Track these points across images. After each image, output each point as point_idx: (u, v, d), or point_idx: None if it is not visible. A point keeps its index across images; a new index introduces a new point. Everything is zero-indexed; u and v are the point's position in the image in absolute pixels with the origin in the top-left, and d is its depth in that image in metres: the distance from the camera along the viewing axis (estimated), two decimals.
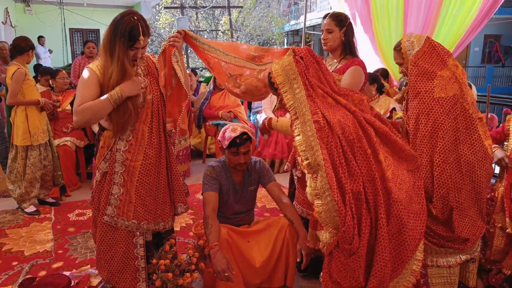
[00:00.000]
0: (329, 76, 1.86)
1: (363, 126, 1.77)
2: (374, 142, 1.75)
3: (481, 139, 2.02)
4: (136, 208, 2.06)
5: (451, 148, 2.00)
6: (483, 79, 16.80)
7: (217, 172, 2.42)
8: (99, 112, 1.93)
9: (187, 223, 3.53)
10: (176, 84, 2.10)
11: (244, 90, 2.25)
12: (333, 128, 1.71)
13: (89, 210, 3.82)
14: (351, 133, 1.72)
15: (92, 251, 2.99)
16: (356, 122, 1.76)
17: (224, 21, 21.11)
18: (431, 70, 2.03)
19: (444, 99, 1.99)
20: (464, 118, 2.01)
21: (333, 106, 1.77)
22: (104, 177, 2.10)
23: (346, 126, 1.72)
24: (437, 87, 2.01)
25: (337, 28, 2.39)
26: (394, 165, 1.79)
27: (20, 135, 3.60)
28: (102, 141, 2.12)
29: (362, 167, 1.71)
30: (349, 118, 1.75)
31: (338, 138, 1.70)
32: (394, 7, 4.72)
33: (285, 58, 1.79)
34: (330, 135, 1.69)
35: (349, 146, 1.71)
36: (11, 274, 2.72)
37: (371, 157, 1.71)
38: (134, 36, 1.92)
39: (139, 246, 2.12)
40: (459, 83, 2.02)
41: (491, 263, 2.53)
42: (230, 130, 2.33)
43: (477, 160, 2.01)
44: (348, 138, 1.71)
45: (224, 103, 5.00)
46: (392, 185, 1.72)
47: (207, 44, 2.17)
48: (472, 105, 2.04)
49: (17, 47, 3.55)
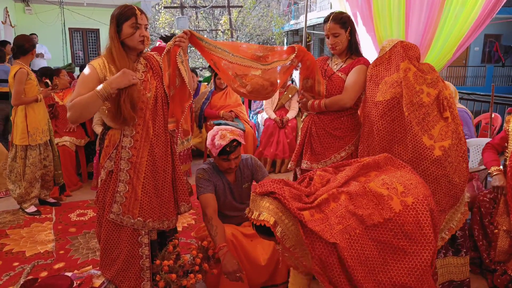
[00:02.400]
0: (295, 185, 1.72)
1: (356, 192, 1.66)
2: (370, 191, 1.67)
3: (417, 139, 2.07)
4: (142, 206, 2.05)
5: (386, 147, 2.13)
6: (483, 78, 16.81)
7: (209, 174, 2.41)
8: (88, 107, 1.90)
9: (189, 223, 3.51)
10: (180, 84, 2.09)
11: (251, 89, 2.24)
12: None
13: (90, 210, 3.80)
14: (354, 228, 1.58)
15: (93, 252, 2.97)
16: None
17: (224, 21, 21.11)
18: (380, 76, 2.23)
19: (381, 103, 2.16)
20: (400, 119, 2.12)
21: (325, 219, 1.59)
22: (109, 175, 2.08)
23: (348, 227, 1.57)
24: (380, 91, 2.18)
25: (342, 30, 2.37)
26: (393, 177, 1.72)
27: (18, 134, 3.59)
28: (107, 140, 2.10)
29: None
30: (347, 216, 1.60)
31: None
32: (396, 7, 4.69)
33: (264, 203, 1.61)
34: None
35: (358, 241, 1.58)
36: (12, 275, 2.70)
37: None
38: (126, 12, 1.96)
39: (144, 245, 2.11)
40: (402, 86, 2.12)
41: (496, 264, 2.52)
42: (219, 137, 2.30)
43: (409, 160, 2.08)
44: (355, 233, 1.58)
45: (225, 102, 4.98)
46: (410, 191, 1.65)
47: (212, 45, 2.15)
48: (411, 106, 2.10)
49: (21, 47, 3.54)
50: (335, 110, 2.43)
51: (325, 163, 2.44)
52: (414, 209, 1.57)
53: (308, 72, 2.42)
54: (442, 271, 2.32)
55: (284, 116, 5.12)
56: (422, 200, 1.60)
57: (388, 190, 1.64)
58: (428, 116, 2.11)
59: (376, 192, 1.63)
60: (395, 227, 1.56)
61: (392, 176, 1.71)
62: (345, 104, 2.37)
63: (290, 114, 5.15)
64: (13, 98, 3.52)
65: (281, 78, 2.36)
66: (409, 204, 1.58)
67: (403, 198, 1.61)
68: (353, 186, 1.66)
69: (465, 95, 5.84)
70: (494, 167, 2.59)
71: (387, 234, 1.55)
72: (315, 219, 1.56)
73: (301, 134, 2.60)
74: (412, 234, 1.55)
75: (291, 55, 2.28)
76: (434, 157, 2.06)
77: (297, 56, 2.30)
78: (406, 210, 1.58)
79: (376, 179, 1.70)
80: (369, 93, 2.27)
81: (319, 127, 2.47)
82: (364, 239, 1.55)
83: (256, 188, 1.66)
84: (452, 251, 2.33)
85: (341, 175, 1.73)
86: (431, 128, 2.10)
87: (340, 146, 2.45)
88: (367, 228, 1.56)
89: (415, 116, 2.09)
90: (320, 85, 2.43)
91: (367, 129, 2.28)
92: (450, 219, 2.22)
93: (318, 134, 2.47)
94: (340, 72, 2.42)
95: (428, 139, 2.07)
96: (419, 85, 2.15)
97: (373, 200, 1.62)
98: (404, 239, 1.55)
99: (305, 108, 2.52)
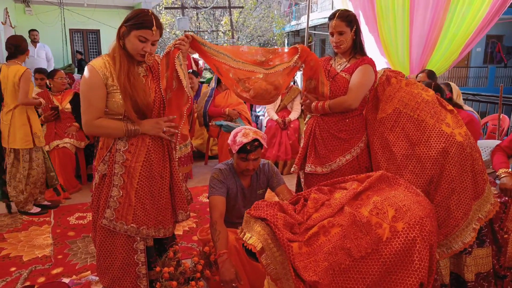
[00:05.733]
0: (289, 211, 1.71)
1: (347, 223, 1.63)
2: (360, 220, 1.62)
3: (437, 130, 2.07)
4: (135, 212, 1.98)
5: (409, 153, 2.12)
6: (485, 79, 16.76)
7: (225, 175, 2.35)
8: (111, 135, 1.98)
9: (190, 227, 3.45)
10: (177, 86, 2.02)
11: (254, 94, 2.18)
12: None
13: (89, 213, 3.74)
14: (341, 263, 1.57)
15: (92, 257, 2.91)
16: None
17: (224, 22, 21.09)
18: (378, 99, 2.33)
19: (385, 118, 2.22)
20: (411, 123, 2.14)
21: (312, 253, 1.59)
22: (103, 179, 2.02)
23: (334, 263, 1.56)
24: (379, 110, 2.27)
25: (348, 29, 2.31)
26: (386, 199, 1.67)
27: (20, 138, 3.51)
28: (101, 142, 2.07)
29: None
30: (334, 252, 1.58)
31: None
32: (400, 7, 4.64)
33: (257, 226, 1.62)
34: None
35: (344, 276, 1.57)
36: (9, 280, 2.64)
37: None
38: (143, 22, 1.87)
39: (139, 252, 2.03)
40: (397, 97, 2.19)
41: (506, 270, 2.45)
42: (242, 134, 2.25)
43: (438, 152, 2.06)
44: (341, 268, 1.57)
45: (227, 102, 4.95)
46: (402, 216, 1.60)
47: (214, 49, 2.09)
48: (421, 104, 2.15)
49: (19, 47, 3.50)
50: (340, 112, 2.36)
51: (330, 166, 2.38)
52: (404, 235, 1.53)
53: (311, 73, 2.35)
54: (472, 265, 2.27)
55: (286, 117, 5.07)
56: (414, 225, 1.54)
57: (377, 216, 1.60)
58: (438, 110, 2.14)
59: (365, 220, 1.60)
60: (381, 257, 1.53)
61: (385, 197, 1.66)
62: (350, 106, 2.31)
63: (292, 115, 5.10)
64: (23, 97, 3.43)
65: (284, 80, 2.29)
66: (399, 230, 1.54)
67: (394, 223, 1.56)
68: (344, 216, 1.64)
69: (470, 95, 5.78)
70: (502, 169, 2.54)
71: (374, 264, 1.53)
72: (302, 253, 1.55)
73: (304, 137, 2.53)
74: (399, 261, 1.51)
75: (294, 57, 2.22)
76: (458, 142, 2.06)
77: (301, 57, 2.23)
78: (395, 237, 1.53)
79: (367, 203, 1.66)
80: (370, 115, 2.37)
81: (323, 129, 2.41)
82: (351, 272, 1.54)
83: (251, 210, 1.66)
84: (477, 243, 2.29)
85: (335, 202, 1.72)
86: (444, 118, 2.12)
87: (345, 148, 2.38)
88: (355, 260, 1.54)
89: (426, 112, 2.13)
90: (323, 86, 2.36)
91: (379, 146, 2.28)
92: (478, 209, 2.17)
93: (322, 137, 2.41)
94: (344, 73, 2.36)
95: (446, 127, 2.09)
96: (415, 89, 2.23)
97: (362, 230, 1.59)
98: (391, 266, 1.52)
99: (309, 110, 2.46)
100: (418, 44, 4.66)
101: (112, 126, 1.93)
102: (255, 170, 2.35)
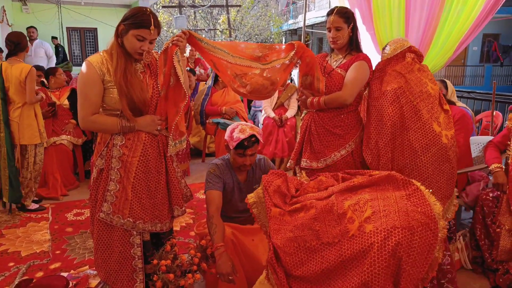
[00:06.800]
0: (290, 183, 1.97)
1: (324, 207, 1.73)
2: (337, 210, 1.69)
3: (428, 125, 2.15)
4: (132, 206, 2.00)
5: (398, 133, 2.20)
6: (481, 78, 16.83)
7: (221, 170, 2.38)
8: (106, 130, 2.03)
9: (187, 222, 3.47)
10: (175, 83, 2.04)
11: (251, 89, 2.20)
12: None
13: (87, 209, 3.76)
14: (306, 240, 1.70)
15: (90, 252, 2.93)
16: (317, 212, 1.72)
17: (222, 20, 21.07)
18: (385, 70, 2.33)
19: (389, 92, 2.24)
20: (410, 107, 2.19)
21: (287, 222, 1.81)
22: (100, 174, 2.04)
23: (300, 238, 1.72)
24: (385, 82, 2.29)
25: (345, 25, 2.34)
26: (374, 199, 1.68)
27: (29, 134, 3.57)
28: (99, 137, 2.09)
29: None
30: (301, 228, 1.73)
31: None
32: (396, 6, 4.67)
33: (261, 186, 1.95)
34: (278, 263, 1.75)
35: (306, 254, 1.70)
36: (7, 275, 2.66)
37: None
38: (141, 21, 1.89)
39: (136, 246, 2.05)
40: (406, 77, 2.23)
41: (498, 263, 2.49)
42: (239, 130, 2.28)
43: (420, 146, 2.15)
44: (305, 246, 1.70)
45: (224, 100, 4.97)
46: (377, 219, 1.59)
47: (211, 45, 2.12)
48: (422, 96, 2.20)
49: (19, 44, 3.53)
50: (335, 107, 2.39)
51: (325, 161, 2.41)
52: (367, 237, 1.53)
53: (307, 69, 2.38)
54: None
55: (283, 115, 5.09)
56: (380, 232, 1.51)
57: (354, 212, 1.63)
58: (435, 106, 2.19)
59: (341, 212, 1.66)
60: (341, 249, 1.58)
61: (374, 197, 1.67)
62: (345, 101, 2.34)
63: (289, 113, 5.12)
64: (31, 96, 3.50)
65: (281, 76, 2.32)
66: (365, 232, 1.54)
67: (365, 223, 1.57)
68: (325, 202, 1.73)
69: (465, 93, 5.82)
70: (495, 164, 2.58)
71: (334, 253, 1.60)
72: (279, 218, 1.81)
73: (300, 132, 2.56)
74: (354, 259, 1.54)
75: (290, 53, 2.25)
76: (442, 143, 2.13)
77: (297, 53, 2.26)
78: (359, 236, 1.55)
79: (354, 198, 1.70)
80: (375, 85, 2.35)
81: (319, 125, 2.43)
82: (314, 253, 1.66)
83: (267, 175, 1.97)
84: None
85: (333, 188, 1.82)
86: (438, 117, 2.18)
87: (340, 144, 2.41)
88: (322, 245, 1.65)
89: (425, 104, 2.18)
90: (319, 82, 2.39)
91: (374, 118, 2.30)
92: (447, 209, 2.28)
93: (317, 132, 2.44)
94: (340, 69, 2.39)
95: (437, 126, 2.15)
96: (425, 77, 2.26)
97: (336, 220, 1.66)
98: (346, 261, 1.56)
99: (305, 105, 2.48)
100: (414, 42, 4.68)
101: (107, 122, 1.96)
102: (251, 165, 2.38)
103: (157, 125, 2.03)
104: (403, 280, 1.47)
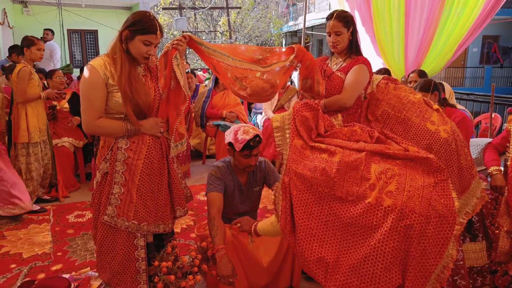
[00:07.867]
0: (321, 120, 1.88)
1: (351, 162, 1.66)
2: (362, 170, 1.63)
3: (421, 128, 2.11)
4: (137, 208, 2.02)
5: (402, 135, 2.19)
6: (481, 79, 16.85)
7: (222, 173, 2.40)
8: (110, 134, 2.03)
9: (188, 224, 3.49)
10: (175, 86, 2.07)
11: (251, 92, 2.22)
12: (293, 186, 1.71)
13: (88, 211, 3.78)
14: (319, 185, 1.64)
15: (91, 253, 2.95)
16: (338, 163, 1.66)
17: (222, 22, 21.12)
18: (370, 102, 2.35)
19: (374, 121, 2.27)
20: (398, 123, 2.18)
21: (307, 157, 1.74)
22: (104, 177, 2.06)
23: (314, 179, 1.65)
24: (369, 114, 2.34)
25: (345, 29, 2.36)
26: (402, 175, 1.62)
27: (20, 132, 3.63)
28: (102, 141, 2.10)
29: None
30: (321, 168, 1.65)
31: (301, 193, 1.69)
32: (396, 8, 4.70)
33: (289, 112, 1.89)
34: (289, 192, 1.72)
35: (316, 197, 1.65)
36: (9, 277, 2.67)
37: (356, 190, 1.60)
38: (149, 27, 1.91)
39: (140, 248, 2.07)
40: (385, 100, 2.26)
41: (497, 265, 2.50)
42: (242, 132, 2.31)
43: (422, 149, 2.11)
44: (317, 190, 1.65)
45: (224, 102, 4.98)
46: (399, 196, 1.55)
47: (212, 49, 2.14)
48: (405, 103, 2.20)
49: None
50: (335, 110, 2.40)
51: None
52: (383, 213, 1.48)
53: (307, 72, 2.40)
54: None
55: None
56: (394, 210, 1.46)
57: (378, 180, 1.55)
58: (423, 110, 2.17)
59: (365, 175, 1.57)
60: (349, 211, 1.53)
61: (405, 174, 1.59)
62: (345, 104, 2.35)
63: None
64: (17, 96, 3.57)
65: (281, 79, 2.33)
66: (383, 205, 1.49)
67: (385, 196, 1.50)
68: (351, 157, 1.63)
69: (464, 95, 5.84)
70: (494, 167, 2.58)
71: (344, 212, 1.54)
72: (299, 151, 1.72)
73: None
74: (356, 226, 1.50)
75: (290, 56, 2.26)
76: (442, 139, 2.07)
77: (297, 57, 2.28)
78: (375, 207, 1.49)
79: (383, 165, 1.61)
80: (362, 120, 2.39)
81: None
82: (324, 201, 1.59)
83: (298, 103, 1.88)
84: (470, 237, 2.36)
85: (362, 145, 1.71)
86: (429, 117, 2.15)
87: None
88: (334, 196, 1.57)
89: (412, 112, 2.16)
90: (319, 85, 2.40)
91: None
92: (465, 203, 2.17)
93: None
94: (340, 72, 2.41)
95: (431, 125, 2.12)
96: (403, 92, 2.25)
97: (357, 179, 1.57)
98: (348, 226, 1.52)
99: None
100: (414, 44, 4.72)
101: (112, 126, 1.98)
102: (256, 165, 2.42)
103: (160, 127, 2.06)
104: (412, 268, 1.44)
